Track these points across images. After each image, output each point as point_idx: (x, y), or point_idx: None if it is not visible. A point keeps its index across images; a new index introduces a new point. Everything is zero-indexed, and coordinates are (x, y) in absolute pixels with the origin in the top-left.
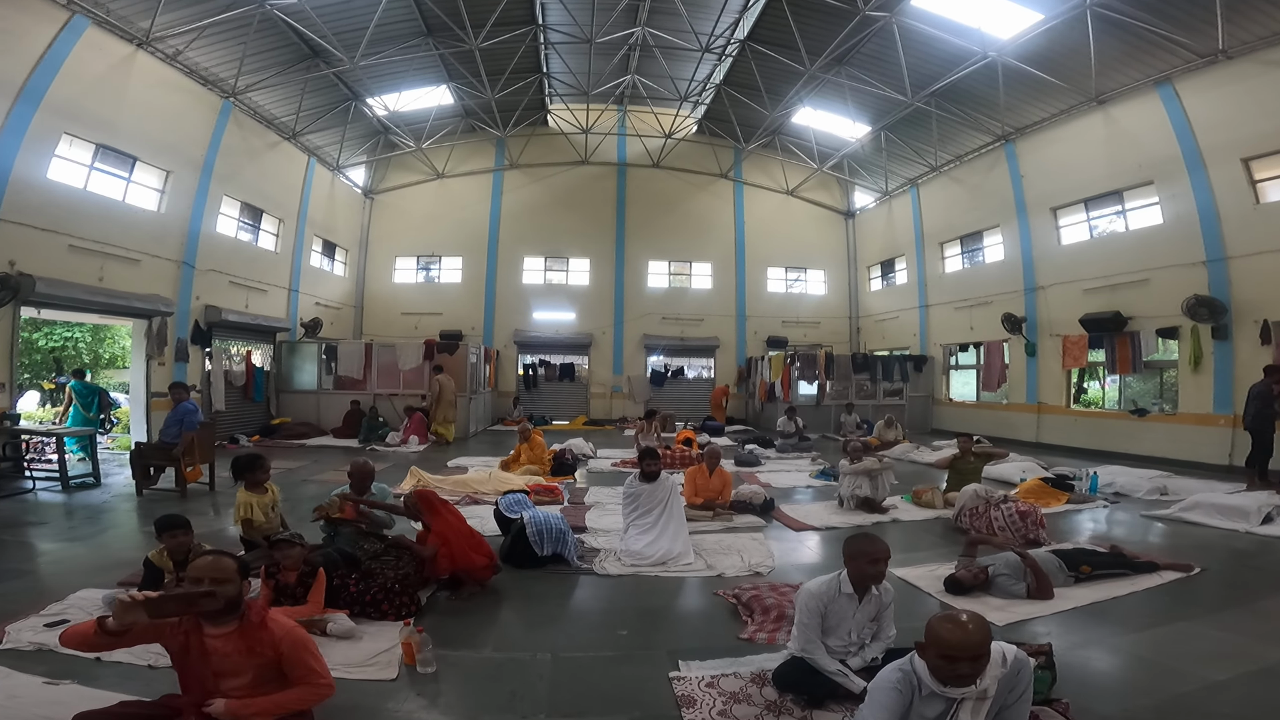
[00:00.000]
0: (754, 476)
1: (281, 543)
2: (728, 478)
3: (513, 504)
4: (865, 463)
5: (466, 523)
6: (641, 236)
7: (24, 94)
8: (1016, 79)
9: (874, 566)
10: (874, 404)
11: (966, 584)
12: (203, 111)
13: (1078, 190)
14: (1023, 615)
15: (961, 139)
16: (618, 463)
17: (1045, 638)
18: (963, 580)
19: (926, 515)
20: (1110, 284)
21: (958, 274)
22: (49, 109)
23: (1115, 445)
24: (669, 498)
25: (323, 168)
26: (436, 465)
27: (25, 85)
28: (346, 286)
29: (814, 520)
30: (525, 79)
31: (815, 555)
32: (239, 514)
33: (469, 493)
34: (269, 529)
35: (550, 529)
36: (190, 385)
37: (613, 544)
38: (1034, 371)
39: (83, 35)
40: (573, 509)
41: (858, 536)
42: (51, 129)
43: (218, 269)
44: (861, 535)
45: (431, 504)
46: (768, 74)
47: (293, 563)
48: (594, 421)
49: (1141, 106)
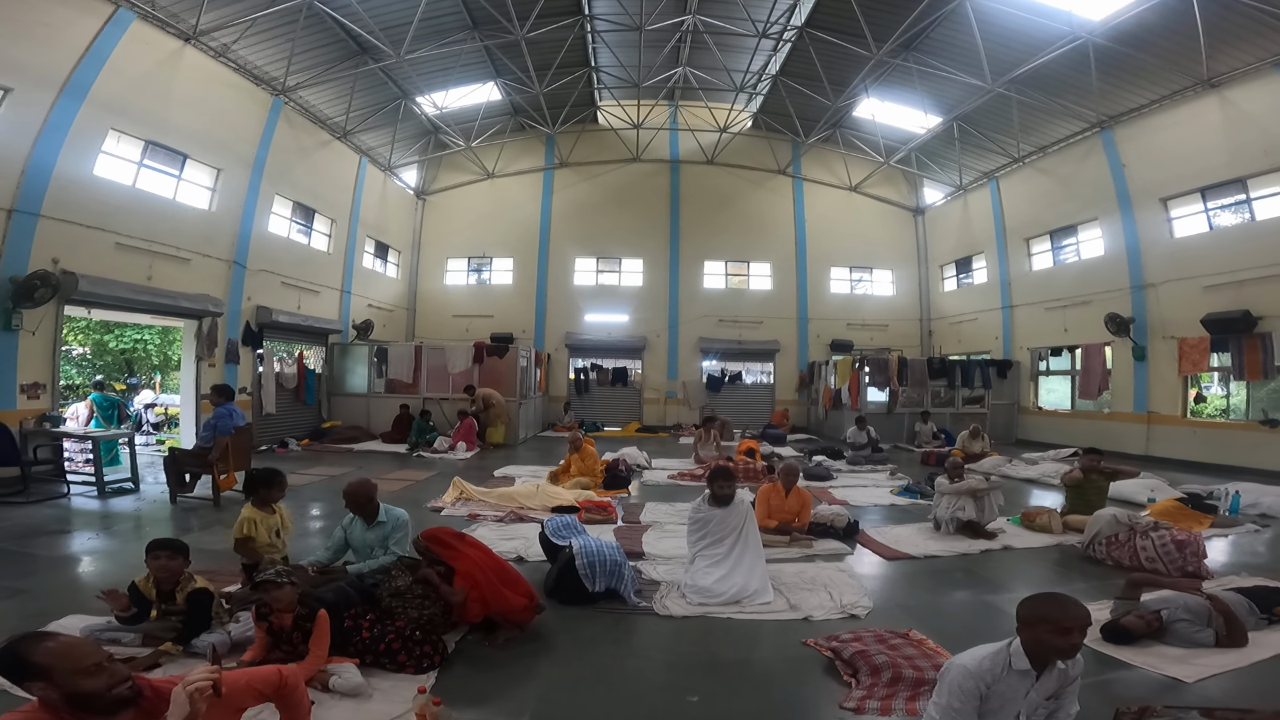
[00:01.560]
0: (827, 493)
1: (267, 584)
2: (807, 498)
3: (561, 528)
4: (969, 481)
5: (494, 555)
6: (696, 236)
7: (68, 88)
8: (1111, 62)
9: (1065, 639)
10: (952, 412)
11: (1137, 632)
12: (253, 109)
13: (1191, 179)
14: (1215, 668)
15: (1047, 128)
16: (675, 475)
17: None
18: (1132, 628)
19: (1042, 541)
20: (1236, 280)
21: (1047, 272)
22: (95, 104)
23: (1240, 460)
24: (744, 524)
25: (374, 168)
26: (483, 474)
27: (69, 80)
28: (399, 288)
29: (909, 547)
30: (573, 73)
31: (918, 591)
32: (238, 530)
33: (514, 508)
34: (270, 553)
35: (604, 560)
36: (240, 388)
37: (675, 575)
38: (1143, 377)
39: (128, 29)
40: (627, 530)
41: (1041, 598)
42: (98, 124)
43: (269, 269)
44: (1046, 596)
45: (445, 543)
46: (828, 62)
47: (285, 604)
48: (647, 428)
49: (1263, 89)
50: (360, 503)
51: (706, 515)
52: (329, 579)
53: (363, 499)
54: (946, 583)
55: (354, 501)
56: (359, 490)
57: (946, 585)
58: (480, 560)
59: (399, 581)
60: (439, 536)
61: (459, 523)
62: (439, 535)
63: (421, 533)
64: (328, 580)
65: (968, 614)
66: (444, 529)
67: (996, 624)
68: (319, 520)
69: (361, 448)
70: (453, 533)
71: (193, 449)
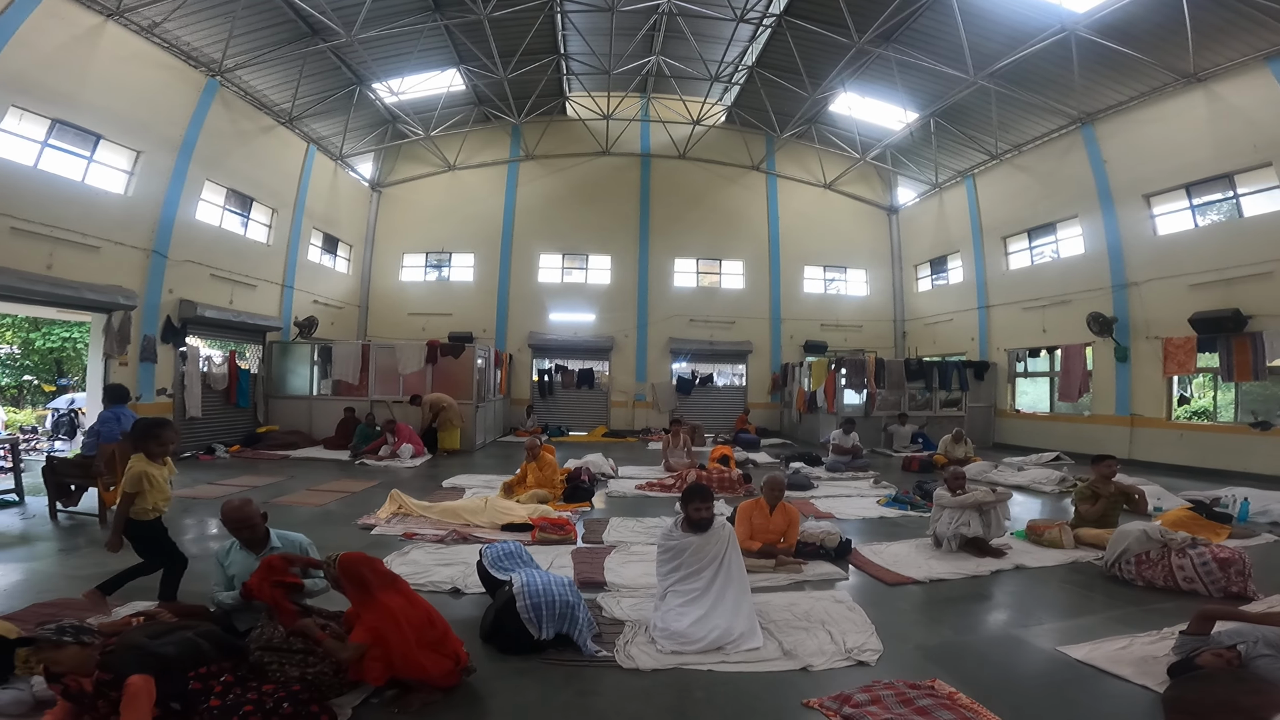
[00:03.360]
0: (809, 505)
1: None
2: (794, 515)
3: (502, 558)
4: (975, 494)
5: (421, 604)
6: (667, 232)
7: None
8: (1094, 57)
9: None
10: (929, 415)
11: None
12: (183, 89)
13: (1176, 175)
14: None
15: (1025, 125)
16: (643, 485)
17: None
18: (1209, 668)
19: (1056, 558)
20: (1224, 278)
21: (1025, 271)
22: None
23: (1230, 464)
24: (725, 553)
25: (324, 157)
26: (431, 485)
27: None
28: (350, 284)
29: (910, 569)
30: (541, 60)
31: (932, 625)
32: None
33: (458, 525)
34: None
35: (552, 600)
36: (159, 389)
37: (643, 612)
38: (1126, 379)
39: (41, 3)
40: (588, 554)
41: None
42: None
43: (196, 260)
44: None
45: (363, 579)
46: (807, 52)
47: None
48: (615, 433)
49: (1252, 83)
50: (238, 526)
51: (680, 543)
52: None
53: (241, 522)
54: (962, 613)
55: (231, 524)
56: (237, 512)
57: (963, 616)
58: (398, 612)
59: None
60: (358, 570)
61: (392, 544)
62: (358, 568)
63: (341, 556)
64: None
65: (998, 653)
66: (368, 560)
67: (1034, 664)
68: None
69: (300, 454)
70: (378, 569)
71: (74, 458)
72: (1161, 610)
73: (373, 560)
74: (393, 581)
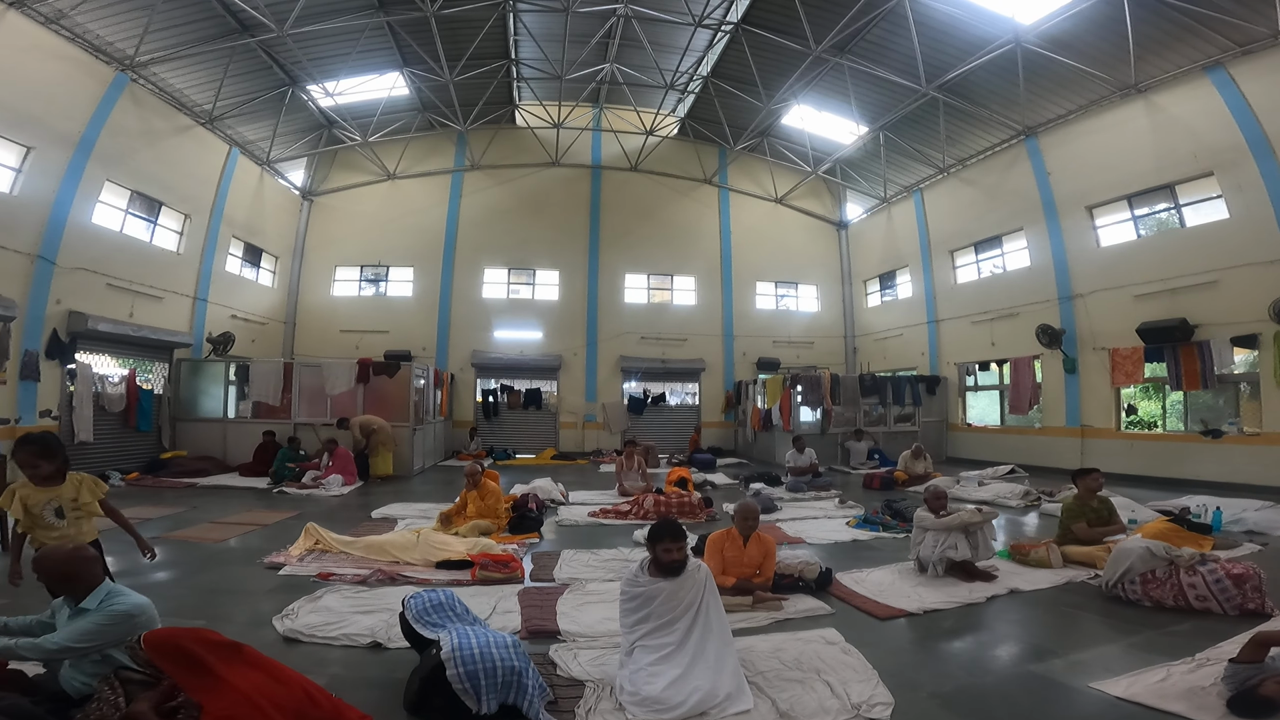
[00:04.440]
0: (776, 529)
1: None
2: (770, 546)
3: (429, 610)
4: (961, 514)
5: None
6: (618, 246)
7: None
8: (1039, 69)
9: None
10: (884, 430)
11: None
12: (86, 83)
13: (1118, 186)
14: None
15: (971, 138)
16: (597, 512)
17: None
18: (1276, 698)
19: (1049, 580)
20: (1168, 288)
21: (973, 284)
22: None
23: (1181, 472)
24: (701, 599)
25: (249, 161)
26: (356, 516)
27: None
28: (275, 298)
29: (900, 599)
30: (490, 64)
31: (940, 665)
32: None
33: (385, 564)
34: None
35: (492, 667)
36: (43, 410)
37: (606, 670)
38: (1075, 390)
39: None
40: (537, 595)
41: None
42: None
43: (91, 268)
44: None
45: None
46: (763, 61)
47: None
48: (565, 455)
49: (1191, 93)
50: (54, 579)
51: (649, 590)
52: None
53: (55, 574)
54: (968, 648)
55: (46, 577)
56: (50, 561)
57: (970, 652)
58: (257, 693)
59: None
60: (179, 648)
61: (303, 586)
62: (179, 645)
63: (145, 637)
64: None
65: (1025, 697)
66: (190, 633)
67: (1071, 707)
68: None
69: (210, 482)
70: (210, 640)
71: None
72: (1181, 632)
73: (198, 631)
74: (236, 652)
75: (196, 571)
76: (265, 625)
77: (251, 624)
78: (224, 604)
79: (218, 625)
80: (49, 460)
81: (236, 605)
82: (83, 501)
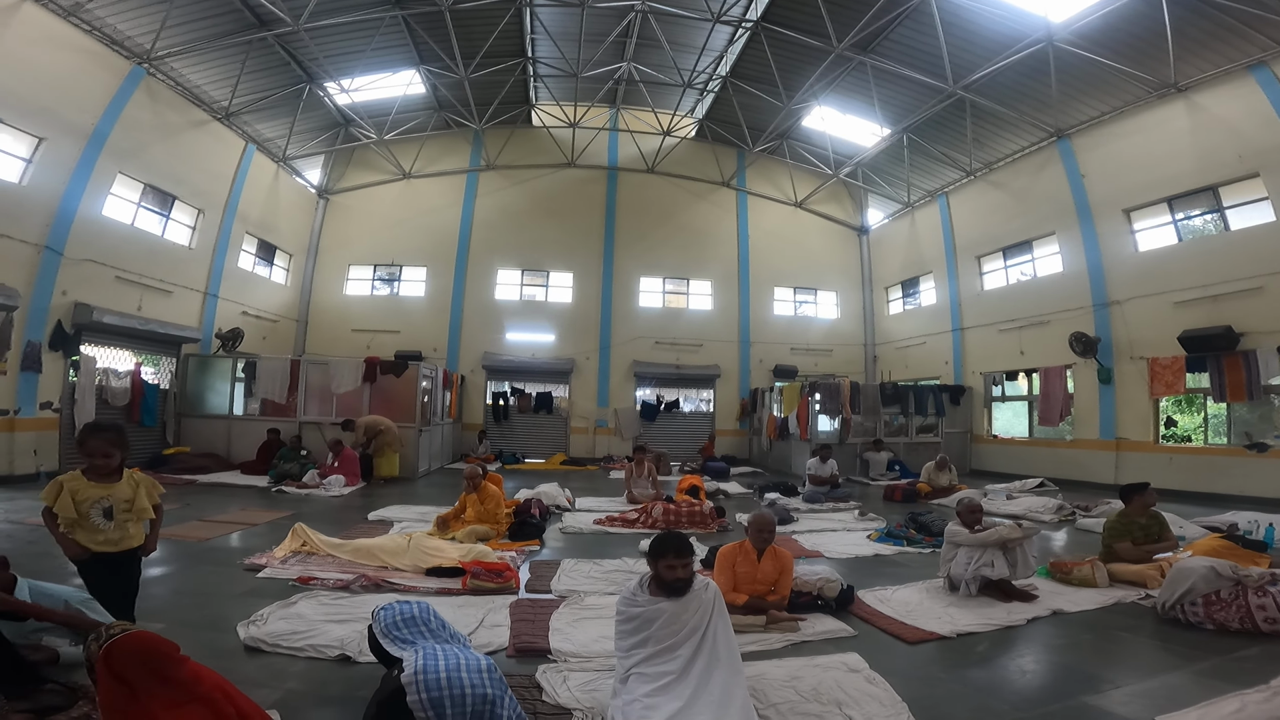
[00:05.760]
0: (792, 542)
1: None
2: (787, 561)
3: (399, 624)
4: (999, 530)
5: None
6: (633, 250)
7: None
8: (1072, 69)
9: None
10: (905, 442)
11: None
12: (101, 76)
13: (1157, 188)
14: None
15: (999, 141)
16: (603, 519)
17: None
18: None
19: (1096, 600)
20: (1211, 294)
21: (1001, 291)
22: None
23: (1224, 487)
24: (707, 623)
25: (265, 158)
26: (353, 518)
27: None
28: (287, 296)
29: (930, 621)
30: (506, 62)
31: (981, 698)
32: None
33: (372, 569)
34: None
35: (460, 695)
36: (43, 403)
37: (598, 697)
38: (1110, 401)
39: None
40: (530, 608)
41: None
42: None
43: (99, 260)
44: None
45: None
46: (783, 61)
47: None
48: (574, 460)
49: (1235, 92)
50: None
51: (647, 611)
52: None
53: None
54: (1011, 677)
55: None
56: None
57: (1014, 682)
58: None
59: None
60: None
61: (277, 591)
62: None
63: (118, 641)
64: None
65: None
66: (161, 653)
67: None
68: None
69: (210, 479)
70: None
71: None
72: (1250, 658)
73: (170, 654)
74: (193, 689)
75: (171, 571)
76: (228, 631)
77: (211, 628)
78: (189, 606)
79: (179, 630)
80: (123, 450)
81: (203, 608)
82: (139, 505)
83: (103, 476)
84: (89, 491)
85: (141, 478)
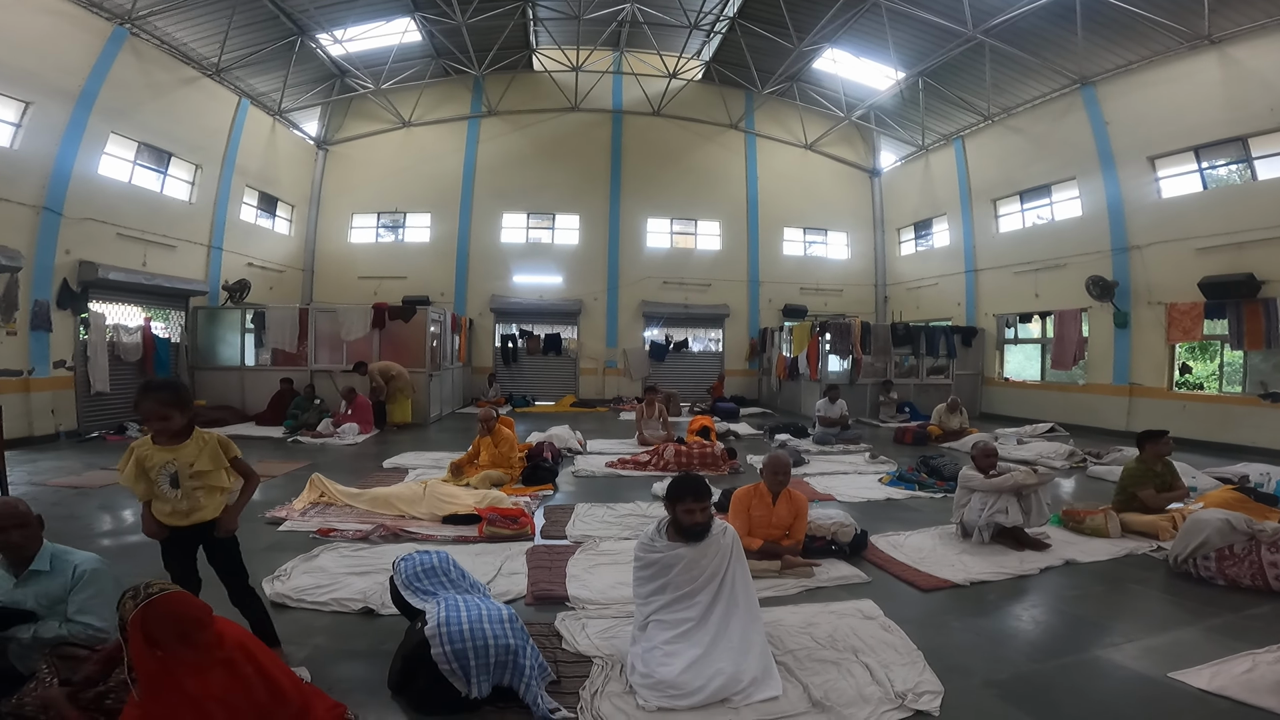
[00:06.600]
0: (804, 485)
1: None
2: (802, 504)
3: (420, 575)
4: (1014, 475)
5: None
6: (640, 191)
7: None
8: (1098, 16)
9: None
10: (916, 383)
11: None
12: (82, 37)
13: (1184, 137)
14: None
15: (1020, 87)
16: (614, 462)
17: None
18: None
19: (1108, 551)
20: (1234, 241)
21: (1017, 234)
22: None
23: (1237, 437)
24: (727, 568)
25: (260, 112)
26: (368, 466)
27: None
28: (292, 246)
29: (943, 568)
30: (505, 6)
31: (996, 649)
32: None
33: (390, 518)
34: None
35: (483, 645)
36: (57, 361)
37: (617, 644)
38: (1125, 346)
39: None
40: (546, 554)
41: None
42: None
43: (100, 218)
44: None
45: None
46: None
47: None
48: (584, 402)
49: (1271, 46)
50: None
51: (666, 557)
52: None
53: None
54: (1025, 628)
55: None
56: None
57: (1027, 633)
58: (212, 699)
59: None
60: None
61: (299, 544)
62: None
63: (155, 600)
64: None
65: (1096, 688)
66: (194, 617)
67: (1151, 702)
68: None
69: (226, 431)
70: (200, 637)
71: None
72: (1260, 616)
73: (201, 619)
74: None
75: None
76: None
77: None
78: None
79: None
80: (182, 410)
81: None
82: (199, 468)
83: (169, 438)
84: (157, 456)
85: (209, 438)
